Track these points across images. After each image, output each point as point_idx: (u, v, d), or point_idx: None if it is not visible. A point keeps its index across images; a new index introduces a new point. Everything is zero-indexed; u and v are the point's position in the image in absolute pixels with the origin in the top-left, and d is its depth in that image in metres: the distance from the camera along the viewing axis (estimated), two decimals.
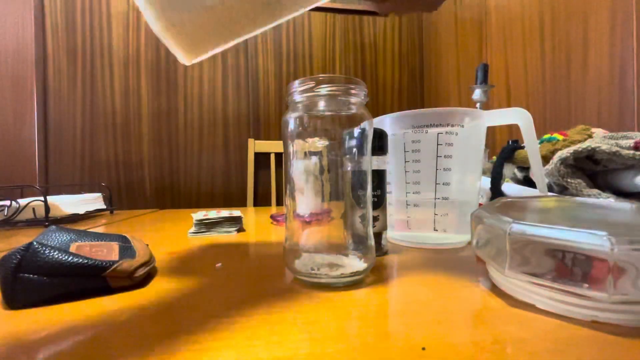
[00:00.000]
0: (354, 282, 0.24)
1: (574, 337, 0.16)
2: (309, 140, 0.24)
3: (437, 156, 0.34)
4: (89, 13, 1.19)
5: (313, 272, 0.24)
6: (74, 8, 1.18)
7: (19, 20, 1.12)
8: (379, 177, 0.32)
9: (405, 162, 0.36)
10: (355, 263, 0.24)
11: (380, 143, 0.32)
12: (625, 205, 0.26)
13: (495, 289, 0.23)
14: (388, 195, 0.35)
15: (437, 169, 0.34)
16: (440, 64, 1.33)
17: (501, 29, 0.96)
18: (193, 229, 0.46)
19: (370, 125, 0.25)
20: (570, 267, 0.17)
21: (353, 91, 0.24)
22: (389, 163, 0.36)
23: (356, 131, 0.24)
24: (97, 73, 1.20)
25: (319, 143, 0.24)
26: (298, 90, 0.25)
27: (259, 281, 0.25)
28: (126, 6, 1.21)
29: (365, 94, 0.25)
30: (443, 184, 0.34)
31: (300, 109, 0.25)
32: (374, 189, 0.31)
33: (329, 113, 0.24)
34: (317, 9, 1.36)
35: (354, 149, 0.25)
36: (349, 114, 0.25)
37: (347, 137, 0.24)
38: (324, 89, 0.24)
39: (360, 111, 0.25)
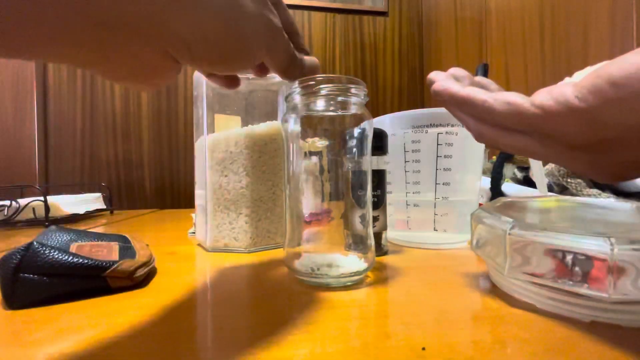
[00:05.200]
0: (354, 282, 0.24)
1: (574, 337, 0.16)
2: (309, 140, 0.24)
3: (437, 156, 0.34)
4: None
5: (313, 272, 0.24)
6: None
7: None
8: (379, 177, 0.32)
9: (405, 162, 0.36)
10: (355, 263, 0.24)
11: (380, 143, 0.32)
12: (625, 205, 0.26)
13: (495, 289, 0.23)
14: (388, 195, 0.35)
15: (437, 169, 0.34)
16: (440, 64, 1.33)
17: (501, 29, 0.96)
18: (193, 229, 0.46)
19: (370, 125, 0.25)
20: (570, 267, 0.17)
21: (353, 91, 0.24)
22: (389, 163, 0.36)
23: (356, 131, 0.24)
24: None
25: (319, 143, 0.24)
26: (298, 90, 0.25)
27: (259, 281, 0.25)
28: None
29: (365, 94, 0.25)
30: (443, 184, 0.34)
31: (300, 109, 0.25)
32: (374, 189, 0.31)
33: (329, 113, 0.24)
34: (317, 8, 1.36)
35: (354, 149, 0.25)
36: (349, 114, 0.25)
37: (347, 137, 0.24)
38: (324, 89, 0.24)
39: (360, 111, 0.25)
